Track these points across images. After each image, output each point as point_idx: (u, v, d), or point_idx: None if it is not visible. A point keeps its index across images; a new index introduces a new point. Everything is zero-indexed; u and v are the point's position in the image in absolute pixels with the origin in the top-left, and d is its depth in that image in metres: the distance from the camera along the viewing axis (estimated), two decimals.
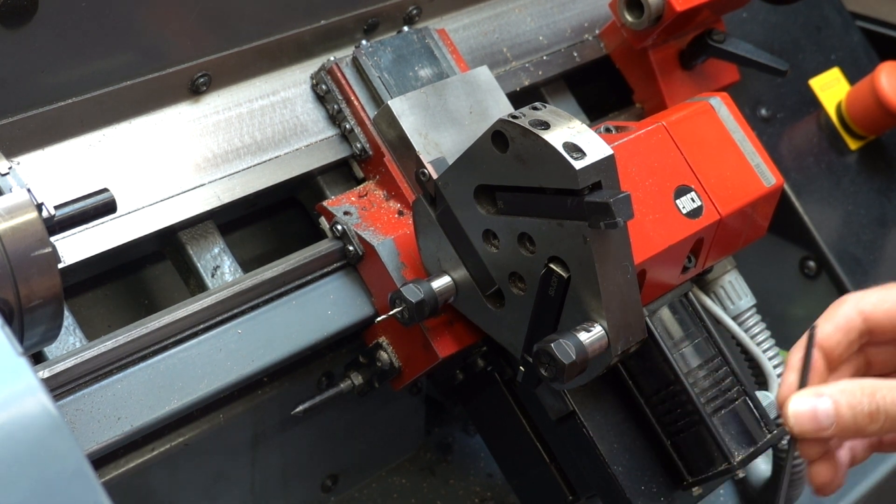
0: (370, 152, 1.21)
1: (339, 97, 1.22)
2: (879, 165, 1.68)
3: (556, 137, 0.95)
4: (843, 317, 0.97)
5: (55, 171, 1.08)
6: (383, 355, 1.18)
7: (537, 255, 1.01)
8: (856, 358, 1.01)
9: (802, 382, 0.95)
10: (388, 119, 1.16)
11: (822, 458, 0.96)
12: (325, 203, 1.19)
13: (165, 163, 1.14)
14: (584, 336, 0.98)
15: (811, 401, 0.92)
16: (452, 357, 1.15)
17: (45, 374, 0.99)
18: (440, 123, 1.17)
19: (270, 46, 1.22)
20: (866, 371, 1.02)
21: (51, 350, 1.05)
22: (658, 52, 1.43)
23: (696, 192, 1.12)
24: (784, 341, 1.40)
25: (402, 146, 1.16)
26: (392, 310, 1.09)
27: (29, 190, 0.86)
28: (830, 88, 1.68)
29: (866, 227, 1.60)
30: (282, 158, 1.20)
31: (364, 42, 1.24)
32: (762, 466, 1.35)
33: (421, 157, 1.14)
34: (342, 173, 1.25)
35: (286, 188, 1.22)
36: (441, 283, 1.09)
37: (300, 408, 1.19)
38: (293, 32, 1.23)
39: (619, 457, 1.11)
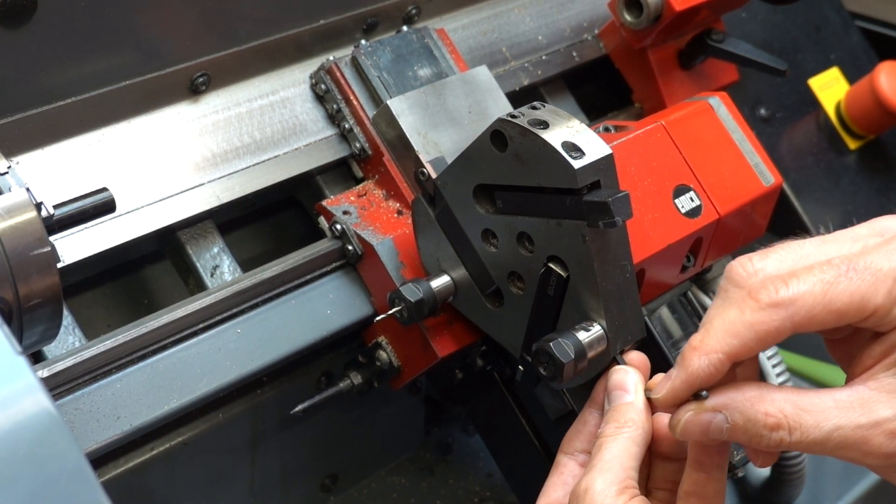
0: (369, 152, 1.21)
1: (339, 97, 1.23)
2: (879, 165, 1.68)
3: (555, 137, 0.95)
4: (762, 342, 0.82)
5: (54, 171, 1.08)
6: (382, 355, 1.18)
7: (536, 255, 1.01)
8: None
9: None
10: (387, 119, 1.16)
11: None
12: (324, 202, 1.19)
13: (165, 162, 1.14)
14: (582, 335, 0.98)
15: (707, 416, 0.84)
16: (451, 356, 1.15)
17: (45, 373, 0.99)
18: (439, 123, 1.17)
19: (270, 46, 1.22)
20: None
21: (50, 349, 1.05)
22: (657, 52, 1.43)
23: (694, 192, 1.12)
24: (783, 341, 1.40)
25: (402, 146, 1.16)
26: (391, 309, 1.09)
27: (28, 189, 0.86)
28: (830, 88, 1.69)
29: None
30: (281, 158, 1.20)
31: (363, 42, 1.24)
32: None
33: (420, 156, 1.14)
34: (341, 173, 1.25)
35: (285, 188, 1.22)
36: (440, 282, 1.09)
37: (300, 407, 1.19)
38: (292, 32, 1.23)
39: None
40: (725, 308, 0.83)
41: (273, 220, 1.30)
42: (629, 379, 0.96)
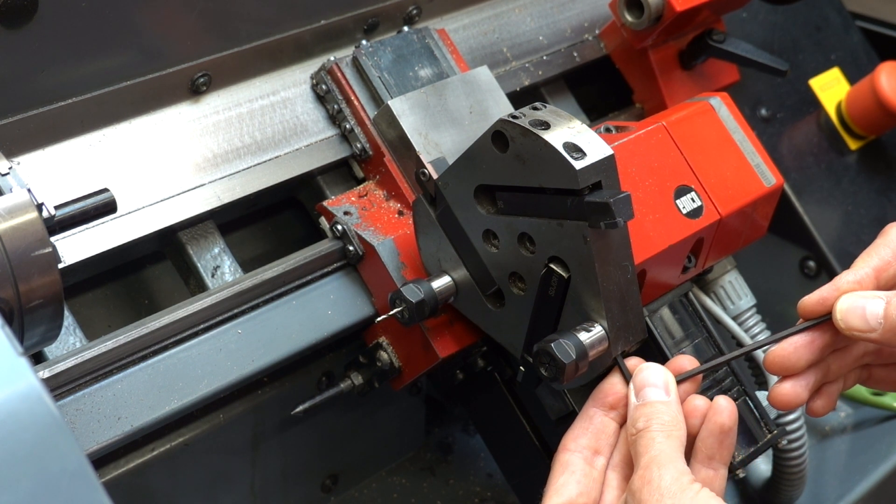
0: (370, 152, 1.21)
1: (339, 97, 1.22)
2: (879, 165, 1.68)
3: (556, 137, 0.95)
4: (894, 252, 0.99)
5: (55, 171, 1.08)
6: (383, 355, 1.18)
7: (537, 255, 1.01)
8: None
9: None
10: (388, 119, 1.16)
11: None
12: (325, 203, 1.19)
13: (165, 163, 1.14)
14: (584, 336, 0.98)
15: (862, 300, 0.94)
16: (452, 357, 1.15)
17: (45, 374, 0.99)
18: (440, 123, 1.17)
19: (270, 46, 1.22)
20: None
21: (51, 350, 1.05)
22: (658, 52, 1.43)
23: (696, 192, 1.12)
24: None
25: (402, 146, 1.16)
26: (392, 310, 1.09)
27: (29, 190, 0.86)
28: (830, 88, 1.69)
29: (866, 227, 1.60)
30: (282, 158, 1.20)
31: (364, 42, 1.24)
32: (762, 466, 1.35)
33: (421, 157, 1.14)
34: (342, 173, 1.25)
35: (286, 188, 1.22)
36: (441, 283, 1.09)
37: (300, 408, 1.19)
38: (293, 32, 1.23)
39: None
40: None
41: (274, 221, 1.30)
42: (660, 377, 0.97)
